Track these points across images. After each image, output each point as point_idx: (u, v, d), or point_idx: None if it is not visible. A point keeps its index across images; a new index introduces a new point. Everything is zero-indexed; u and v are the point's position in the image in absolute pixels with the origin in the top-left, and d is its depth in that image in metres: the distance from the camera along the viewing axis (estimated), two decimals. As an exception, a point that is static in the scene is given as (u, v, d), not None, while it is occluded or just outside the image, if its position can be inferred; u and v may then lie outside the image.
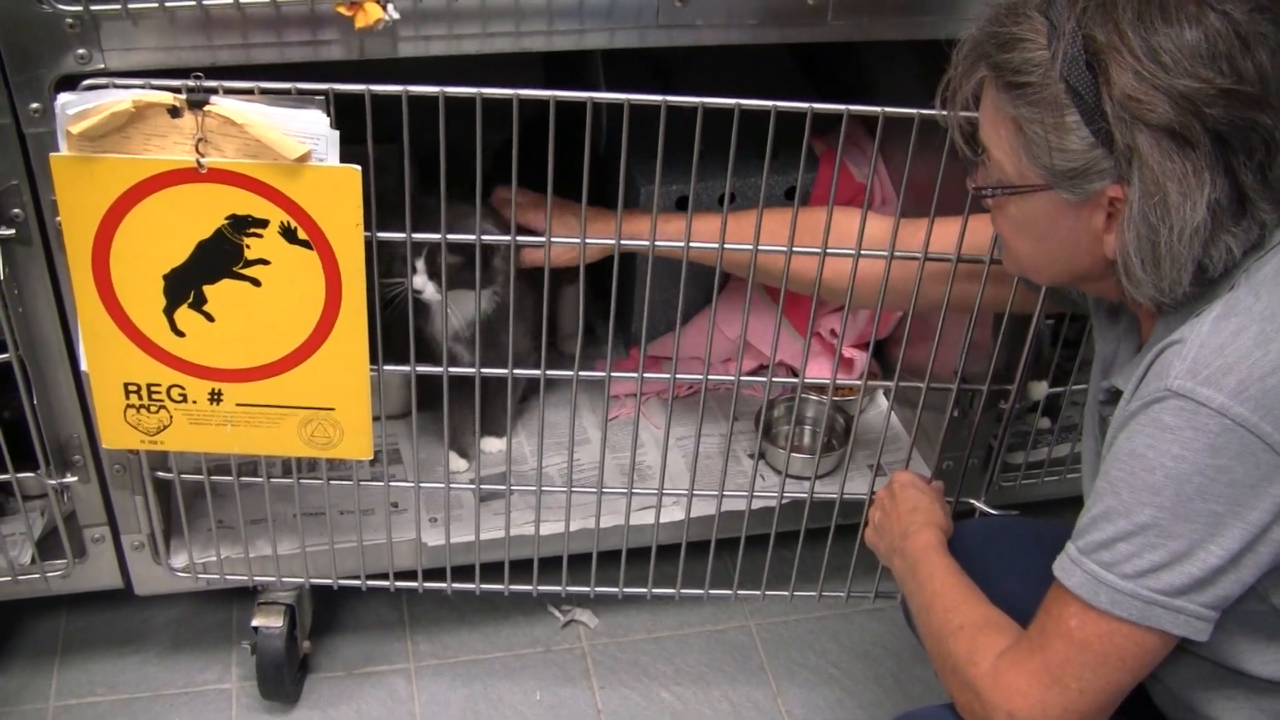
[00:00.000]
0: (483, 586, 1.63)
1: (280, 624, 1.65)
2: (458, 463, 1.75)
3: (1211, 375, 1.00)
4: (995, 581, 1.27)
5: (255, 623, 1.65)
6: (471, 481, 1.57)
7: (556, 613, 1.85)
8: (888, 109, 1.29)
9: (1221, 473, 1.00)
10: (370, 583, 1.63)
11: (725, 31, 1.34)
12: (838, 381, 1.57)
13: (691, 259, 1.42)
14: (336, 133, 1.23)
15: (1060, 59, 1.02)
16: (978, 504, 1.62)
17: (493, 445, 1.76)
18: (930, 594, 1.25)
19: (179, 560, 1.61)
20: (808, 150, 1.38)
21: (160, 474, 1.53)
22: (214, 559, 1.60)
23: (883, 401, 1.95)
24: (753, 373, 1.90)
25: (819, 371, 1.84)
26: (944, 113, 1.15)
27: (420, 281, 1.52)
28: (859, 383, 1.62)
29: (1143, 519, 1.03)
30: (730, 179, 1.31)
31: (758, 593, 1.68)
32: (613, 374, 1.49)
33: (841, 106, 1.28)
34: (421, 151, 1.33)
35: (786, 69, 2.01)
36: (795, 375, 1.68)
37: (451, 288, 1.49)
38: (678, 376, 1.49)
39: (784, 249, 1.38)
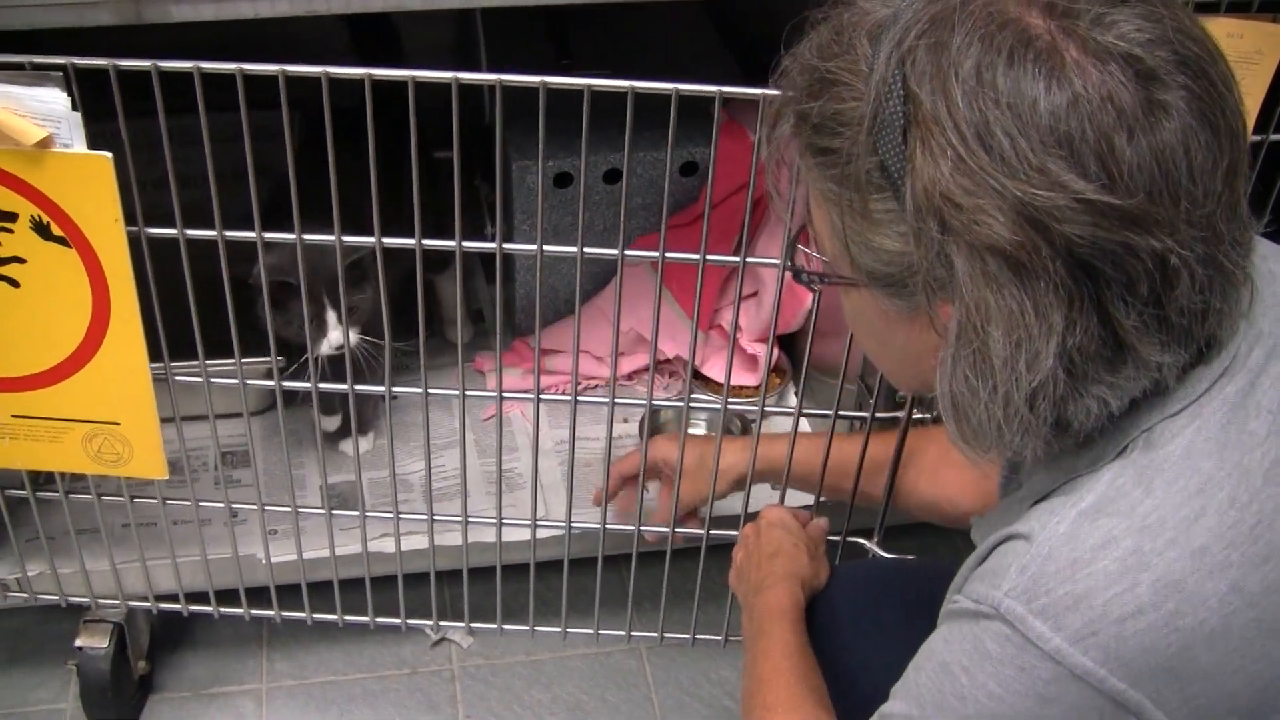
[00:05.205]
0: (346, 618, 1.47)
1: (105, 644, 1.50)
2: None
3: (1051, 605, 0.72)
4: (859, 648, 1.09)
5: (79, 642, 1.51)
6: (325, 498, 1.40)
7: (428, 629, 1.68)
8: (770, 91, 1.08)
9: None
10: (223, 609, 1.47)
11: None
12: (729, 398, 1.34)
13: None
14: (78, 114, 1.05)
15: (872, 119, 0.70)
16: (869, 545, 1.39)
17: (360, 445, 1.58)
18: (756, 679, 1.05)
19: (-16, 577, 1.46)
20: (710, 123, 1.16)
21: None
22: (21, 576, 1.45)
23: (793, 401, 1.75)
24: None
25: (719, 369, 1.65)
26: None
27: (337, 336, 1.38)
28: (751, 407, 1.34)
29: None
30: (618, 154, 1.10)
31: (655, 635, 1.49)
32: (467, 392, 1.29)
33: (714, 88, 1.07)
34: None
35: (699, 23, 1.80)
36: (691, 373, 1.48)
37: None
38: (542, 398, 1.28)
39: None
